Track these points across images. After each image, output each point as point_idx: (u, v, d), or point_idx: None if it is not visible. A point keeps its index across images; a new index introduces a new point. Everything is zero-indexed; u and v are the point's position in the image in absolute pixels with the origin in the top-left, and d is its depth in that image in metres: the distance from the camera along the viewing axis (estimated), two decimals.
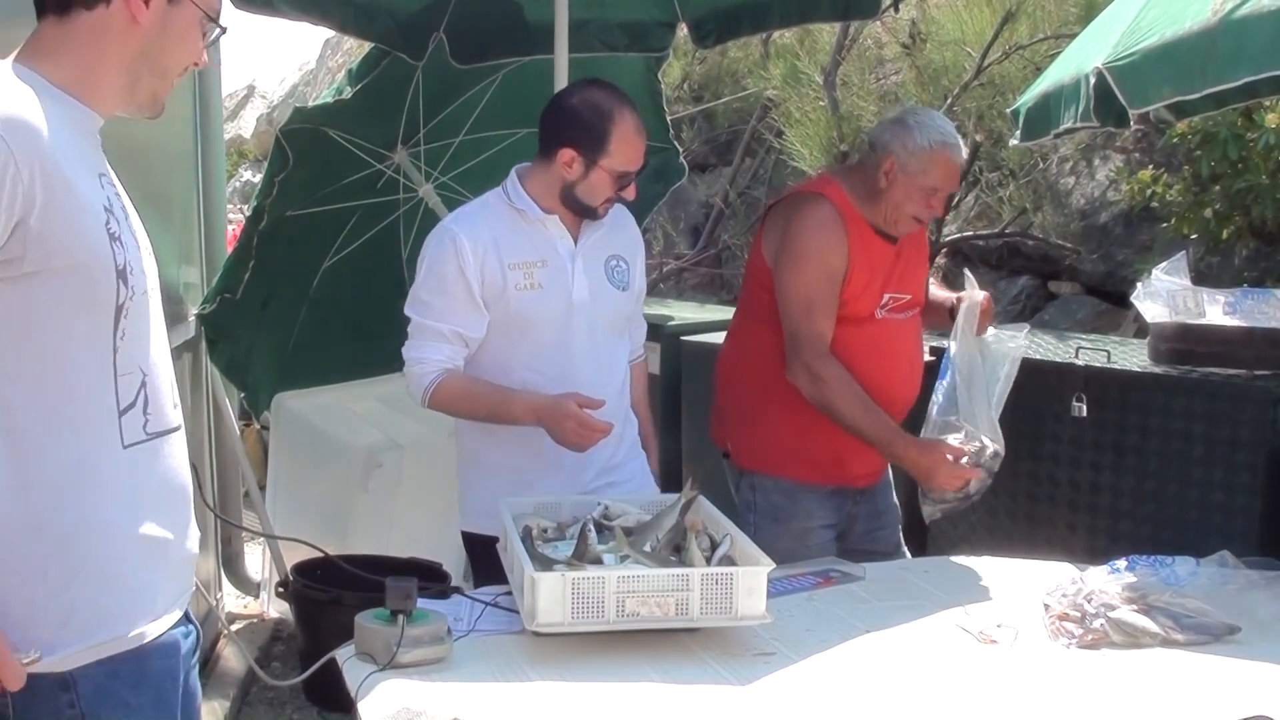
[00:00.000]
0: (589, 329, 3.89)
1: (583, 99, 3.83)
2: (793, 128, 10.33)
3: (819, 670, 3.02)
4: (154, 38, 2.32)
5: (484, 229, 3.81)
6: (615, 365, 4.02)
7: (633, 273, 4.04)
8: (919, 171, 4.18)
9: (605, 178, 3.79)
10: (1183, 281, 5.08)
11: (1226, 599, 3.38)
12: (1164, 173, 7.97)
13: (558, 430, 3.67)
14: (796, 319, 4.14)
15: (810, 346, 4.11)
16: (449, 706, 2.71)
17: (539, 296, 3.81)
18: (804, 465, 4.29)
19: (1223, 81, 3.87)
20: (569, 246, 3.88)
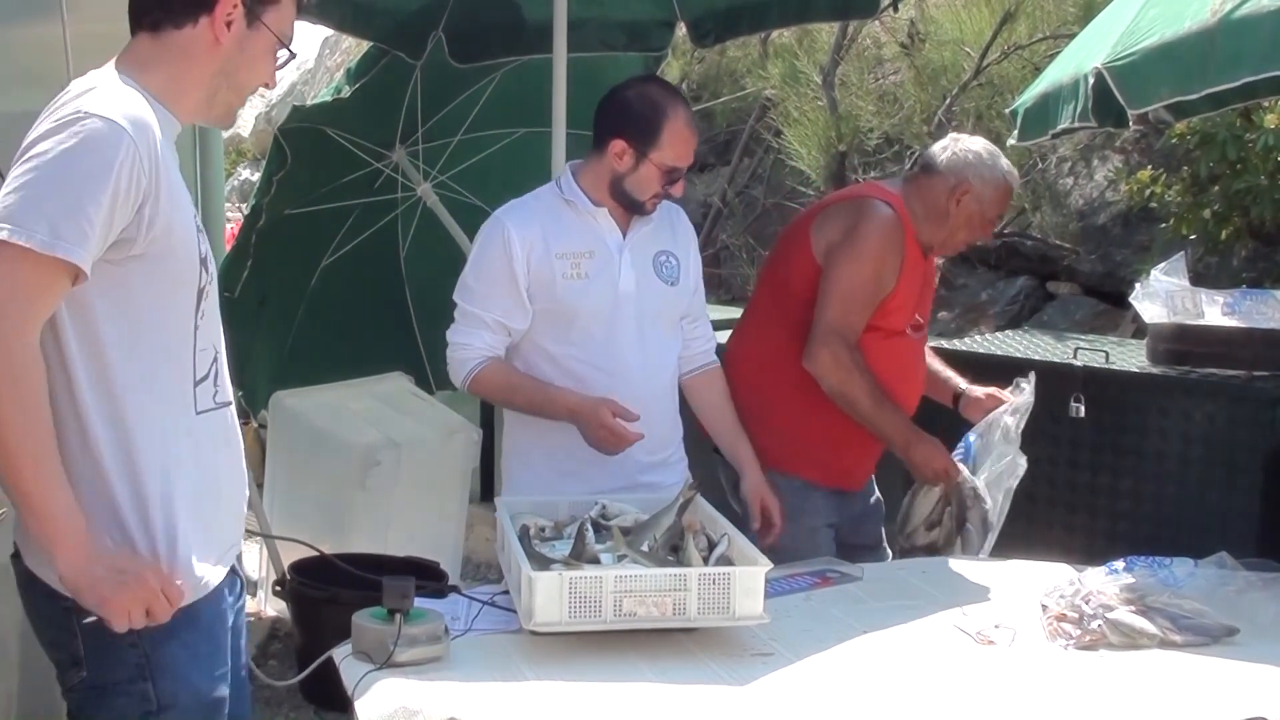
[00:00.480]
0: (637, 321, 3.90)
1: (638, 93, 3.88)
2: (791, 127, 10.32)
3: (817, 670, 3.02)
4: (232, 57, 2.58)
5: (534, 220, 3.85)
6: (663, 360, 4.02)
7: (683, 269, 4.03)
8: (990, 201, 4.28)
9: (654, 171, 3.82)
10: (1181, 282, 5.08)
11: (1224, 600, 3.38)
12: (1163, 173, 7.97)
13: (591, 435, 3.72)
14: (835, 308, 4.13)
15: (841, 335, 4.11)
16: (446, 705, 2.71)
17: (585, 286, 3.83)
18: (811, 466, 4.29)
19: (1222, 82, 3.87)
20: (617, 239, 3.90)
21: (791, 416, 4.27)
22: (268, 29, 2.60)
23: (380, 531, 6.03)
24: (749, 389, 4.31)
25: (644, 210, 3.89)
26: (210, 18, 2.54)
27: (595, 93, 4.75)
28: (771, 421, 4.28)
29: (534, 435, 3.94)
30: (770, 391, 4.29)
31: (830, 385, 4.14)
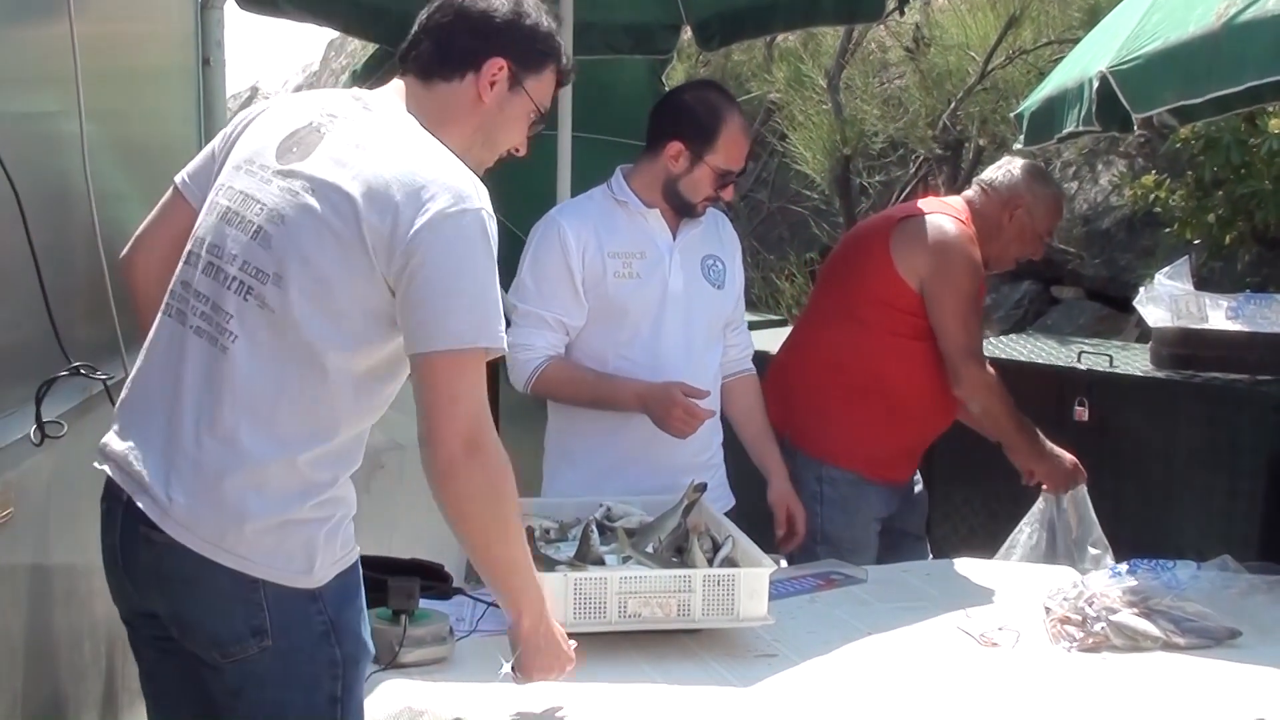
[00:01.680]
0: (685, 322, 3.93)
1: (696, 96, 3.92)
2: (796, 131, 10.34)
3: (821, 672, 3.03)
4: (493, 117, 2.71)
5: (587, 219, 3.88)
6: (708, 362, 4.03)
7: (729, 274, 4.07)
8: (1041, 216, 4.42)
9: (708, 174, 3.85)
10: (1185, 286, 5.08)
11: (1228, 603, 3.38)
12: (1167, 178, 7.97)
13: (664, 417, 3.73)
14: (963, 335, 4.28)
15: (978, 357, 4.30)
16: (451, 706, 2.72)
17: (636, 286, 3.85)
18: (866, 462, 4.35)
19: (1226, 86, 3.87)
20: (668, 240, 3.93)
21: (852, 416, 4.34)
22: (527, 95, 2.74)
23: (385, 534, 6.01)
24: (810, 388, 4.39)
25: (695, 212, 3.93)
26: (477, 76, 2.68)
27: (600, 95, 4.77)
28: (832, 420, 4.35)
29: (577, 435, 3.96)
30: (832, 391, 4.36)
31: (981, 405, 4.31)
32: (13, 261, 2.75)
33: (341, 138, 2.53)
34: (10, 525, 2.69)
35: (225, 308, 2.47)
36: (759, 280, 10.22)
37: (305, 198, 2.46)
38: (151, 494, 2.43)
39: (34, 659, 2.91)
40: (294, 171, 2.50)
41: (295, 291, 2.43)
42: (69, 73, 3.06)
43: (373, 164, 2.46)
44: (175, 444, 2.45)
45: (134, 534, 2.47)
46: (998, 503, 4.80)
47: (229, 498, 2.40)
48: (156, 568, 2.45)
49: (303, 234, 2.44)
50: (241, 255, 2.48)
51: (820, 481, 4.33)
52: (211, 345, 2.47)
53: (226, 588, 2.41)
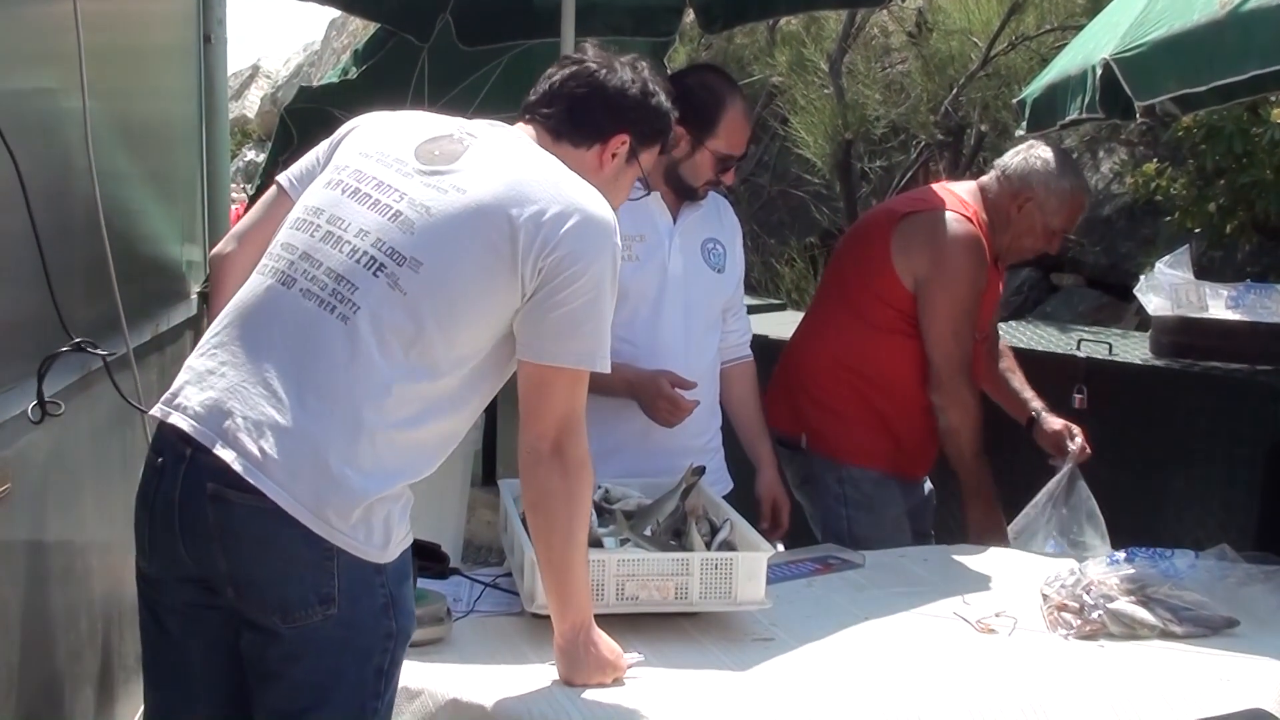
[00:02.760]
0: (684, 306, 3.93)
1: (698, 80, 3.91)
2: (798, 115, 10.34)
3: (818, 656, 3.02)
4: (608, 182, 2.86)
5: None
6: (706, 347, 4.03)
7: (729, 258, 4.06)
8: (1054, 211, 4.24)
9: (709, 159, 3.85)
10: (1186, 275, 5.08)
11: (1225, 592, 3.38)
12: (1168, 166, 7.98)
13: (650, 406, 3.75)
14: (951, 343, 4.18)
15: (966, 371, 4.19)
16: (447, 687, 2.72)
17: (635, 268, 3.84)
18: (886, 457, 4.31)
19: (1229, 75, 3.87)
20: (668, 224, 3.94)
21: (868, 412, 4.29)
22: (639, 165, 2.98)
23: None
24: (823, 389, 4.34)
25: (696, 196, 3.93)
26: (603, 147, 2.88)
27: None
28: (850, 420, 4.31)
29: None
30: (845, 389, 4.31)
31: (953, 421, 4.20)
32: (14, 238, 2.75)
33: (487, 151, 2.66)
34: (8, 501, 2.69)
35: (352, 279, 2.52)
36: (759, 264, 10.22)
37: (454, 195, 2.56)
38: (241, 448, 2.42)
39: (31, 636, 2.92)
40: (440, 172, 2.61)
41: (431, 283, 2.51)
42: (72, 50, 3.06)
43: (523, 174, 2.60)
44: (274, 402, 2.45)
45: (200, 489, 2.44)
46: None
47: (331, 465, 2.43)
48: (227, 524, 2.44)
49: (449, 229, 2.54)
50: (375, 232, 2.55)
51: (842, 483, 4.31)
52: (327, 312, 2.50)
53: (302, 552, 2.43)
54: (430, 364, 2.52)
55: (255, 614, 2.46)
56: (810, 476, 4.36)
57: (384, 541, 2.51)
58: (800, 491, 4.40)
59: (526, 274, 2.54)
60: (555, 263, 2.54)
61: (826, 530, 4.31)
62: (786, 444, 4.38)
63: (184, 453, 2.46)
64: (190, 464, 2.45)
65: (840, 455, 4.29)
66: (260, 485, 2.40)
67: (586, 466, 2.66)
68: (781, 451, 4.36)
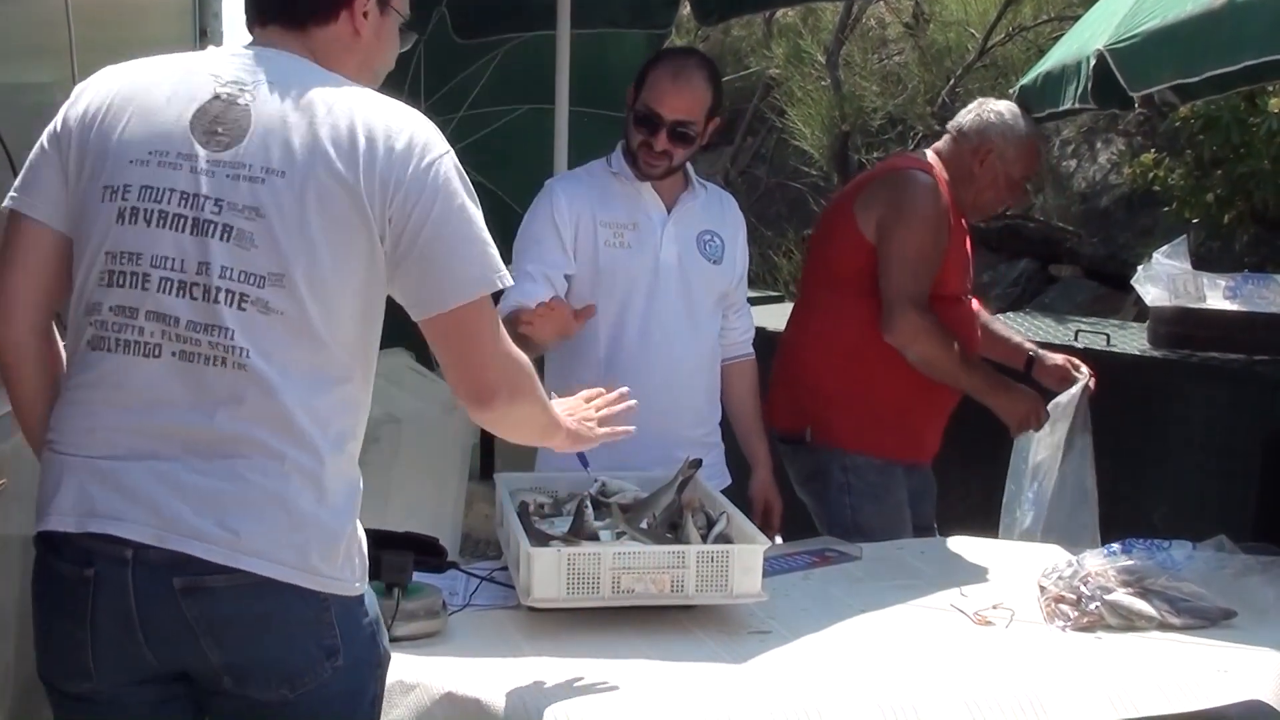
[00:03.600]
0: (679, 295, 3.93)
1: (662, 52, 4.04)
2: (795, 107, 10.33)
3: (814, 649, 3.02)
4: (371, 47, 2.58)
5: (581, 188, 3.93)
6: (704, 336, 4.03)
7: (727, 251, 4.04)
8: (1014, 160, 4.30)
9: (634, 117, 3.85)
10: (1183, 266, 5.08)
11: (1223, 583, 3.38)
12: (1166, 157, 7.97)
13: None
14: (904, 278, 4.15)
15: (913, 301, 4.14)
16: (443, 680, 2.71)
17: (626, 255, 3.87)
18: (888, 441, 4.30)
19: (1224, 65, 3.86)
20: (661, 213, 3.94)
21: (863, 394, 4.28)
22: (393, 8, 2.64)
23: (379, 507, 5.98)
24: (817, 374, 4.35)
25: (637, 167, 3.89)
26: (350, 11, 2.51)
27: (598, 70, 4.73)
28: (845, 403, 4.30)
29: None
30: (839, 373, 4.31)
31: (915, 353, 4.17)
32: None
33: (272, 106, 2.32)
34: (4, 496, 2.68)
35: (221, 324, 2.25)
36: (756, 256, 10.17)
37: (275, 183, 2.27)
38: (202, 535, 2.22)
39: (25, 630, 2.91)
40: (242, 161, 2.28)
41: (303, 287, 2.27)
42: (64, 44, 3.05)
43: (323, 121, 2.30)
44: (209, 476, 2.24)
45: (163, 588, 2.23)
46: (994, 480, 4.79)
47: (299, 515, 2.27)
48: (213, 614, 2.25)
49: (291, 224, 2.26)
50: (217, 262, 2.26)
51: (846, 471, 4.30)
52: (216, 366, 2.26)
53: (302, 614, 2.29)
54: (337, 368, 2.34)
55: (259, 693, 2.31)
56: (816, 471, 4.35)
57: (362, 570, 2.40)
58: (805, 489, 4.39)
59: (383, 232, 2.31)
60: (401, 206, 2.31)
61: (830, 521, 4.30)
62: (791, 441, 4.38)
63: (123, 555, 2.24)
64: (138, 566, 2.24)
65: (844, 443, 4.30)
66: (238, 564, 2.23)
67: (533, 376, 2.56)
68: (785, 450, 4.37)
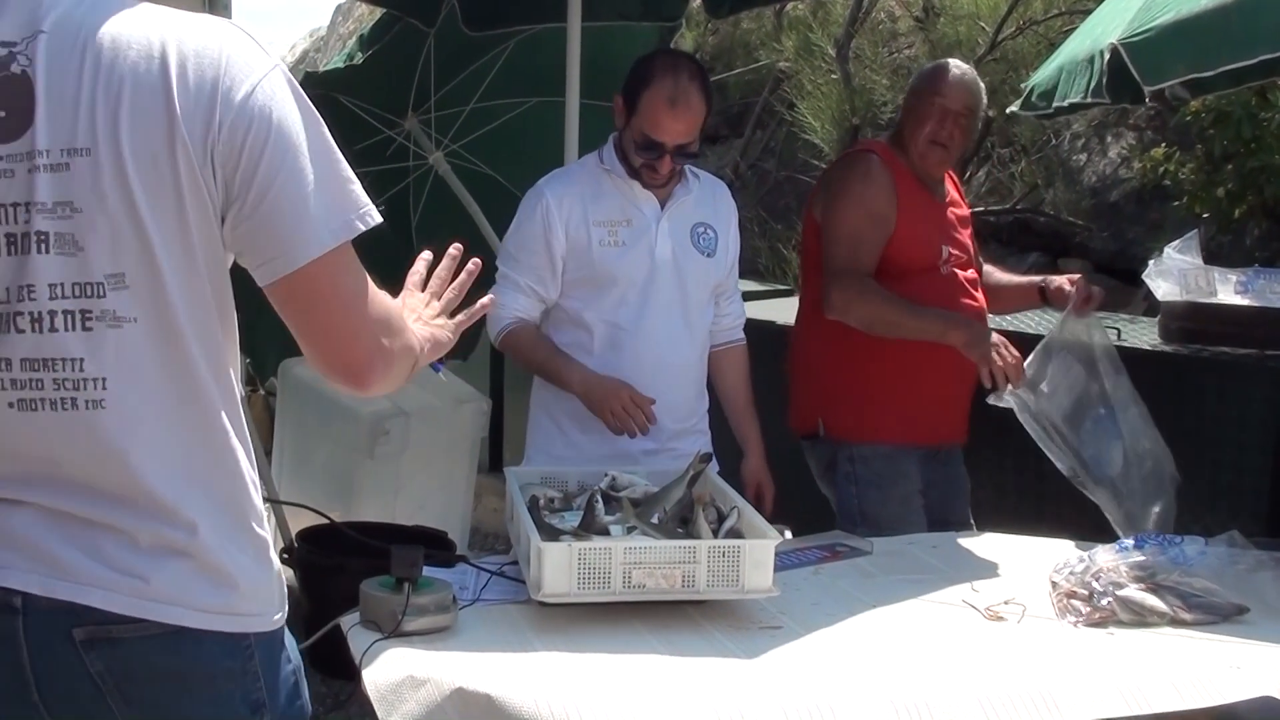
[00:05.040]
0: (675, 291, 3.93)
1: (652, 56, 3.94)
2: (805, 100, 10.30)
3: (825, 644, 3.02)
4: None
5: (572, 188, 3.91)
6: (697, 329, 4.04)
7: (720, 242, 4.05)
8: (926, 91, 4.34)
9: (634, 137, 3.83)
10: (1194, 260, 5.06)
11: (1235, 579, 3.36)
12: (1176, 151, 7.95)
13: (606, 402, 3.78)
14: (840, 256, 4.20)
15: (846, 277, 4.17)
16: (453, 675, 2.70)
17: (621, 253, 3.87)
18: (901, 425, 4.29)
19: (1239, 59, 3.86)
20: (654, 208, 3.93)
21: (861, 382, 4.30)
22: None
23: (388, 500, 6.04)
24: (824, 367, 4.38)
25: (641, 179, 3.89)
26: None
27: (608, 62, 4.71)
28: (847, 394, 4.33)
29: (559, 397, 3.96)
30: (838, 365, 4.33)
31: (858, 317, 4.19)
32: None
33: (57, 65, 1.88)
34: None
35: (67, 354, 1.90)
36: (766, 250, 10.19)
37: (81, 162, 1.87)
38: (103, 583, 1.92)
39: None
40: (35, 147, 1.87)
41: (144, 281, 1.90)
42: None
43: (133, 70, 1.87)
44: (100, 523, 1.93)
45: (61, 640, 1.93)
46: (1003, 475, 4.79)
47: (208, 549, 1.97)
48: (120, 669, 1.95)
49: (116, 214, 1.88)
50: (43, 280, 1.89)
51: (852, 461, 4.32)
52: (67, 410, 1.92)
53: (223, 663, 2.01)
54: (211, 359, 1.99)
55: None
56: (829, 464, 4.37)
57: (283, 597, 2.12)
58: (822, 483, 4.45)
59: (212, 190, 1.90)
60: (226, 150, 1.88)
61: (840, 512, 4.32)
62: (808, 437, 4.40)
63: (12, 604, 1.92)
64: (29, 617, 1.93)
65: (850, 434, 4.32)
66: (147, 614, 1.93)
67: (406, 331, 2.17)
68: (805, 446, 4.42)
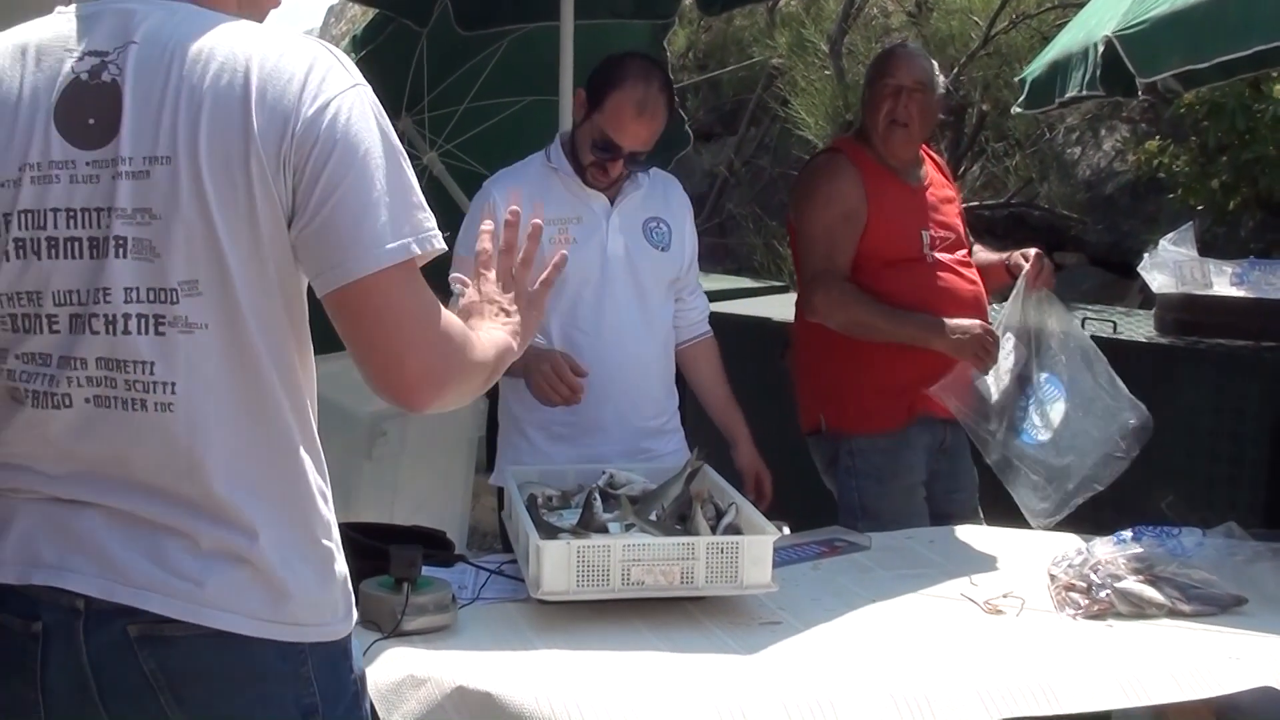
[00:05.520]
0: (631, 288, 3.91)
1: (622, 56, 3.92)
2: (798, 96, 10.31)
3: (825, 639, 3.02)
4: None
5: (522, 184, 3.81)
6: (658, 325, 4.01)
7: (675, 236, 4.02)
8: (876, 77, 4.40)
9: (588, 133, 3.80)
10: (1189, 252, 5.07)
11: (1233, 570, 3.37)
12: (1171, 143, 7.96)
13: (529, 374, 3.66)
14: (810, 256, 4.25)
15: (825, 275, 4.20)
16: (453, 674, 2.70)
17: (572, 251, 3.79)
18: (900, 412, 4.27)
19: (1233, 50, 3.86)
20: (604, 205, 3.90)
21: (854, 374, 4.30)
22: None
23: (386, 501, 6.03)
24: (820, 364, 4.39)
25: (585, 178, 3.87)
26: None
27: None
28: (843, 388, 4.34)
29: (527, 402, 3.91)
30: (832, 359, 4.34)
31: (838, 322, 4.22)
32: None
33: (145, 75, 1.95)
34: None
35: (139, 358, 1.96)
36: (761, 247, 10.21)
37: (161, 171, 1.93)
38: (161, 588, 1.97)
39: None
40: (121, 154, 1.94)
41: (216, 289, 1.96)
42: None
43: (215, 81, 1.92)
44: (165, 525, 1.99)
45: (118, 637, 1.98)
46: None
47: (267, 558, 2.01)
48: (173, 668, 1.99)
49: (190, 222, 1.93)
50: (119, 284, 1.95)
51: (852, 455, 4.32)
52: (138, 410, 1.98)
53: (275, 666, 2.04)
54: (285, 369, 2.06)
55: None
56: (831, 459, 4.38)
57: (347, 609, 2.15)
58: (826, 478, 4.47)
59: (284, 199, 1.95)
60: (297, 161, 1.94)
61: (842, 506, 4.32)
62: (812, 434, 4.45)
63: (75, 606, 1.98)
64: (91, 618, 1.98)
65: (849, 427, 4.33)
66: (199, 619, 1.98)
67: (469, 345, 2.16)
68: (810, 442, 4.44)
